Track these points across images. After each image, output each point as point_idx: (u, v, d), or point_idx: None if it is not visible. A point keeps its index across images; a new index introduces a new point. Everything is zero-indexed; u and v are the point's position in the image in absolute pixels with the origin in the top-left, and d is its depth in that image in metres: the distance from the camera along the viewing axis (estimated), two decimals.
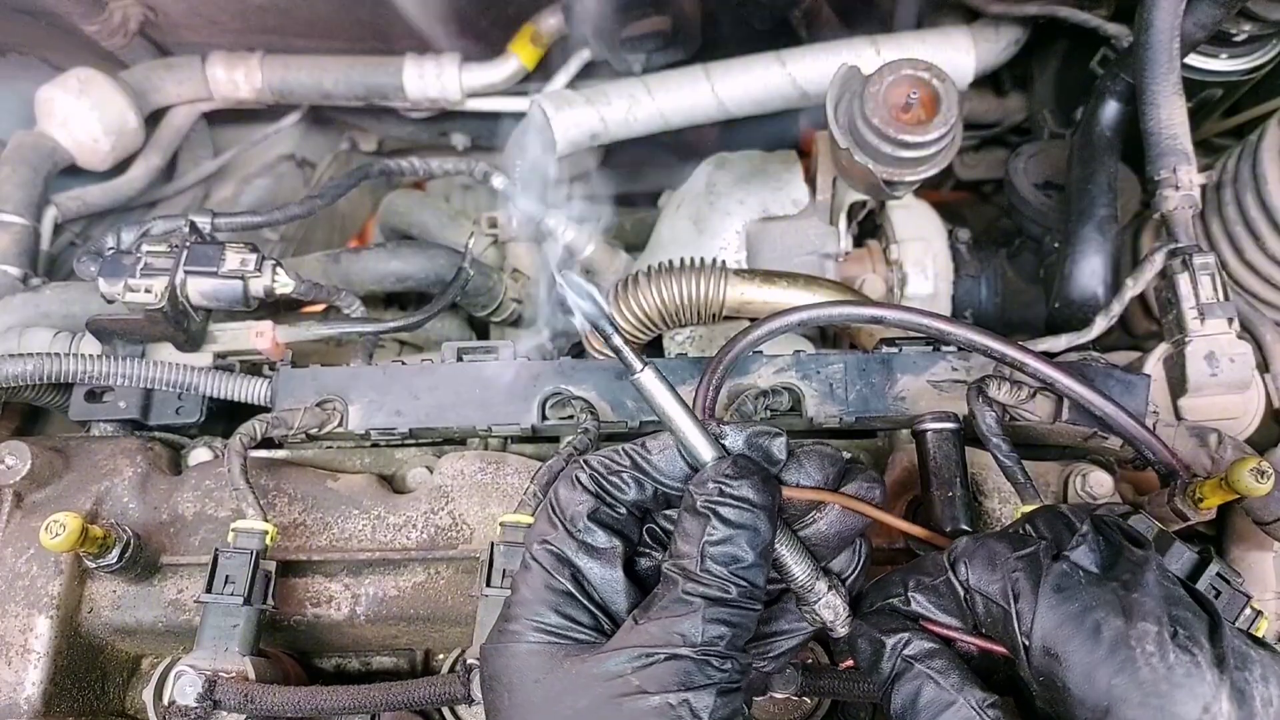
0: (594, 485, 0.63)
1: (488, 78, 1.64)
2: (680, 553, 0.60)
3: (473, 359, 1.09)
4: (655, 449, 0.64)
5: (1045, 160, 1.47)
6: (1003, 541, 0.62)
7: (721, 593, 0.58)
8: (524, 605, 0.61)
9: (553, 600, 0.60)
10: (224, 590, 0.90)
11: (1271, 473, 0.84)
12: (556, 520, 0.63)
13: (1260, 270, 1.17)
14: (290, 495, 1.04)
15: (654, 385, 0.63)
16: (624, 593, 0.62)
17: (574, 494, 0.63)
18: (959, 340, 0.96)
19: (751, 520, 0.59)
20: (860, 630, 0.65)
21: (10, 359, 1.03)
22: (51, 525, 0.86)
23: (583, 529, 0.62)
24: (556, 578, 0.61)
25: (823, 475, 0.65)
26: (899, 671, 0.61)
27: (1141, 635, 0.54)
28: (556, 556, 0.61)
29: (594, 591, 0.61)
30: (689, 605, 0.57)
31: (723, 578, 0.58)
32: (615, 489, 0.63)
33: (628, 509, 0.64)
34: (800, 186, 1.35)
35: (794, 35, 1.54)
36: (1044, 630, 0.56)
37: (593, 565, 0.61)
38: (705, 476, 0.61)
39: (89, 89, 1.50)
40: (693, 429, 0.62)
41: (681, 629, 0.57)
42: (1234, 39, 1.35)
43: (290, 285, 1.15)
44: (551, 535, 0.62)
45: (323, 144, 2.03)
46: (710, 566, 0.58)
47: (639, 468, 0.63)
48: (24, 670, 0.95)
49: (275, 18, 1.60)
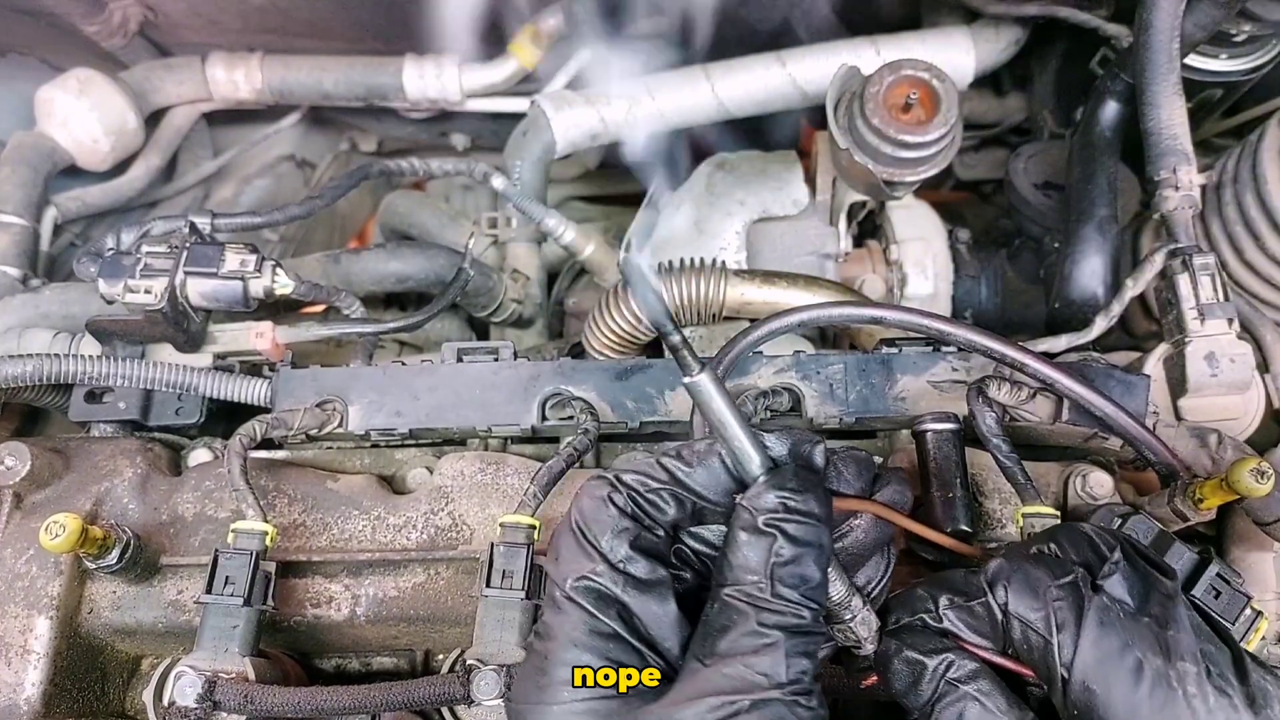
0: (631, 506, 0.55)
1: (487, 78, 1.64)
2: (741, 578, 0.53)
3: (473, 359, 1.09)
4: (694, 460, 0.57)
5: (1045, 160, 1.47)
6: (1040, 567, 0.59)
7: (797, 619, 0.52)
8: (565, 653, 0.53)
9: (600, 646, 0.52)
10: (224, 591, 0.89)
11: (1271, 473, 0.84)
12: (591, 550, 0.54)
13: (1260, 270, 1.17)
14: (290, 496, 1.04)
15: (710, 391, 0.57)
16: (677, 629, 0.55)
17: (607, 516, 0.55)
18: (959, 341, 0.96)
19: (818, 536, 0.54)
20: (894, 650, 0.60)
21: (10, 360, 1.03)
22: (51, 526, 0.86)
23: (626, 558, 0.54)
24: (602, 619, 0.53)
25: (861, 483, 0.61)
26: (942, 694, 0.57)
27: (1182, 675, 0.54)
28: (599, 594, 0.53)
29: (645, 630, 0.54)
30: (766, 638, 0.51)
31: (796, 602, 0.52)
32: (654, 509, 0.56)
33: (665, 530, 0.57)
34: (800, 187, 1.35)
35: (794, 35, 1.54)
36: (1085, 665, 0.54)
37: (642, 600, 0.54)
38: (762, 490, 0.55)
39: (89, 89, 1.50)
40: (744, 439, 0.56)
41: (763, 668, 0.51)
42: (1234, 39, 1.35)
43: (290, 286, 1.15)
44: (589, 569, 0.54)
45: (323, 144, 2.03)
46: (782, 591, 0.52)
47: (679, 483, 0.56)
48: (24, 671, 0.95)
49: (275, 18, 1.60)
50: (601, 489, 0.56)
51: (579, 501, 0.56)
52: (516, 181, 1.47)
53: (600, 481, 0.56)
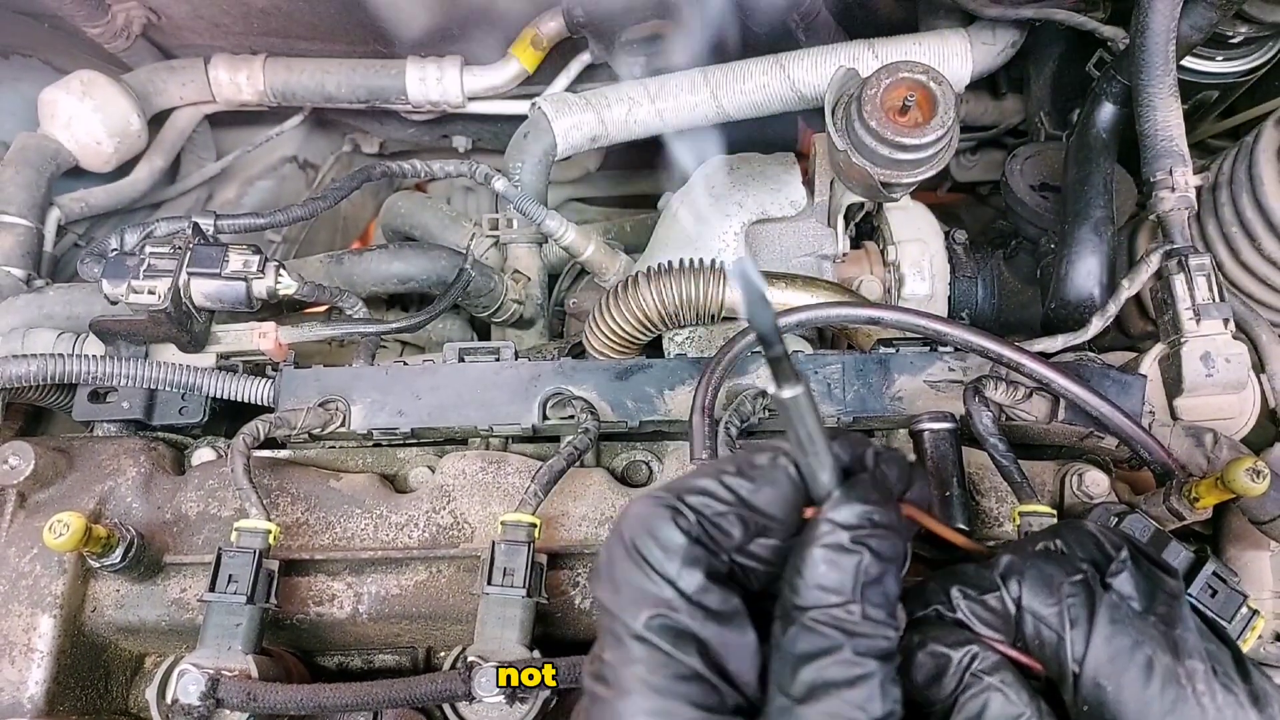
0: (698, 531, 0.50)
1: (489, 81, 1.65)
2: (823, 600, 0.49)
3: (474, 359, 1.10)
4: (760, 478, 0.52)
5: (1042, 162, 1.48)
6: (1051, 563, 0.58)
7: (887, 644, 0.49)
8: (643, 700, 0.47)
9: (681, 690, 0.47)
10: (227, 589, 0.90)
11: (1267, 472, 0.85)
12: (660, 581, 0.49)
13: (1256, 271, 1.17)
14: (293, 495, 1.05)
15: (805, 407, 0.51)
16: (754, 659, 0.50)
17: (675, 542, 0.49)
18: (956, 341, 0.97)
19: (900, 550, 0.51)
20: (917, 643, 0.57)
21: (14, 360, 1.04)
22: (55, 525, 0.86)
23: (699, 588, 0.49)
24: (684, 659, 0.47)
25: (903, 485, 0.57)
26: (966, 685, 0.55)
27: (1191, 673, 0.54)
28: (676, 631, 0.48)
29: (724, 664, 0.49)
30: (861, 668, 0.47)
31: (884, 622, 0.49)
32: (722, 534, 0.51)
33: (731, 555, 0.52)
34: (798, 188, 1.36)
35: (792, 38, 1.55)
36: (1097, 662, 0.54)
37: (724, 634, 0.49)
38: (843, 503, 0.51)
39: (92, 91, 1.51)
40: (827, 458, 0.52)
41: (859, 701, 0.47)
42: (1230, 41, 1.36)
43: (293, 286, 1.15)
44: (663, 603, 0.48)
45: (325, 146, 2.04)
46: (871, 613, 0.49)
47: (746, 504, 0.51)
48: (27, 669, 0.95)
49: (278, 20, 1.60)
50: (663, 512, 0.50)
51: (635, 524, 0.50)
52: (517, 183, 1.48)
53: (662, 507, 0.50)
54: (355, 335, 1.21)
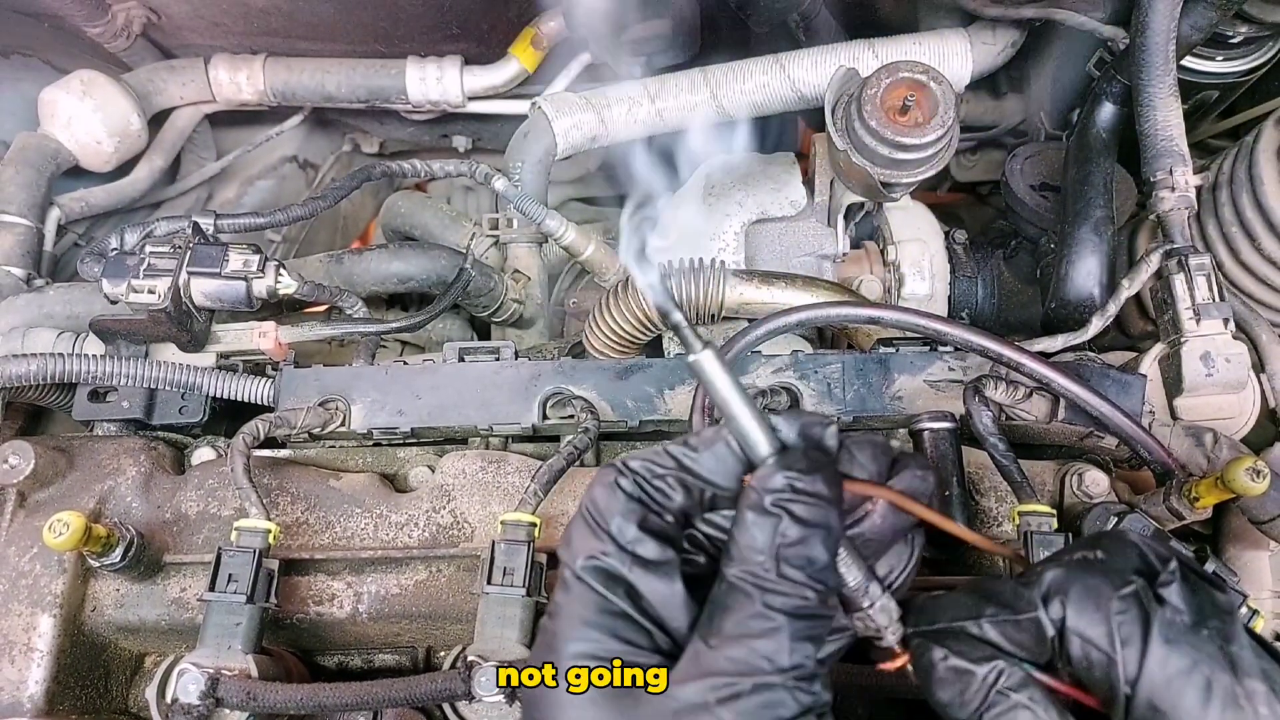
0: (637, 491, 0.56)
1: (489, 80, 1.65)
2: (747, 558, 0.53)
3: (474, 359, 1.10)
4: (702, 446, 0.57)
5: (1042, 162, 1.48)
6: (1097, 576, 0.55)
7: (803, 601, 0.52)
8: (574, 631, 0.53)
9: (609, 624, 0.53)
10: (227, 588, 0.90)
11: (1267, 472, 0.85)
12: (600, 532, 0.55)
13: (1256, 271, 1.17)
14: (293, 494, 1.05)
15: (713, 369, 0.57)
16: (684, 608, 0.55)
17: (615, 501, 0.56)
18: (955, 340, 0.97)
19: (825, 517, 0.54)
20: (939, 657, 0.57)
21: (14, 359, 1.04)
22: (55, 524, 0.86)
23: (633, 539, 0.55)
24: (610, 597, 0.53)
25: (877, 467, 0.59)
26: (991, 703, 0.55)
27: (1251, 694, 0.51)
28: (607, 573, 0.54)
29: (651, 609, 0.54)
30: (770, 621, 0.51)
31: (802, 583, 0.52)
32: (661, 495, 0.57)
33: (674, 516, 0.57)
34: (798, 188, 1.36)
35: (792, 38, 1.55)
36: (1152, 684, 0.51)
37: (649, 579, 0.54)
38: (770, 471, 0.55)
39: (92, 91, 1.51)
40: (751, 420, 0.56)
41: (766, 651, 0.51)
42: (1230, 41, 1.36)
43: (293, 286, 1.15)
44: (598, 549, 0.55)
45: (325, 146, 2.04)
46: (788, 571, 0.52)
47: (686, 469, 0.57)
48: (27, 669, 0.95)
49: (278, 20, 1.60)
50: (609, 475, 0.57)
51: (590, 489, 0.57)
52: (517, 183, 1.48)
53: (609, 469, 0.58)
54: (355, 335, 1.21)
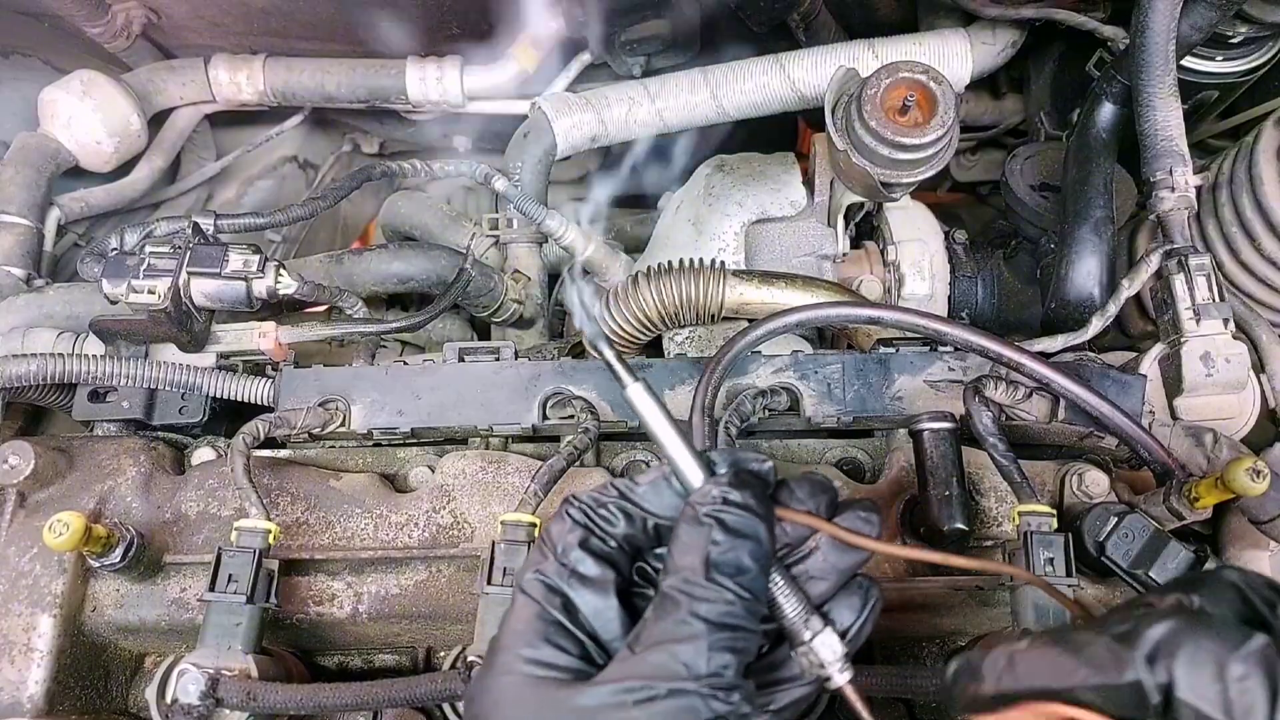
0: (583, 517, 0.62)
1: (489, 80, 1.65)
2: (679, 567, 0.56)
3: (474, 359, 1.10)
4: (643, 481, 0.63)
5: (1042, 162, 1.48)
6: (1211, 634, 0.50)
7: (726, 608, 0.54)
8: (513, 637, 0.58)
9: (543, 630, 0.57)
10: (227, 589, 0.90)
11: (1267, 472, 0.85)
12: (546, 551, 0.61)
13: (1255, 271, 1.17)
14: (293, 494, 1.05)
15: (643, 402, 0.63)
16: (618, 622, 0.59)
17: (563, 526, 0.61)
18: (955, 340, 0.97)
19: (754, 528, 0.57)
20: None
21: (14, 359, 1.04)
22: (55, 524, 0.86)
23: (574, 558, 0.60)
24: (546, 607, 0.58)
25: (814, 503, 0.62)
26: None
27: None
28: (546, 586, 0.59)
29: (586, 621, 0.58)
30: (690, 629, 0.53)
31: (728, 589, 0.54)
32: (604, 521, 0.62)
33: (619, 543, 0.62)
34: (798, 188, 1.36)
35: (792, 38, 1.55)
36: None
37: (584, 593, 0.59)
38: (705, 488, 0.59)
39: (92, 91, 1.51)
40: (681, 450, 0.61)
41: (685, 658, 0.52)
42: (1230, 41, 1.36)
43: (293, 286, 1.15)
44: (542, 565, 0.60)
45: (325, 146, 2.04)
46: (715, 577, 0.55)
47: (626, 498, 0.62)
48: (27, 669, 0.95)
49: (278, 20, 1.60)
50: (563, 507, 0.62)
51: (547, 522, 0.63)
52: (517, 183, 1.48)
53: (565, 502, 0.63)
54: (355, 335, 1.21)
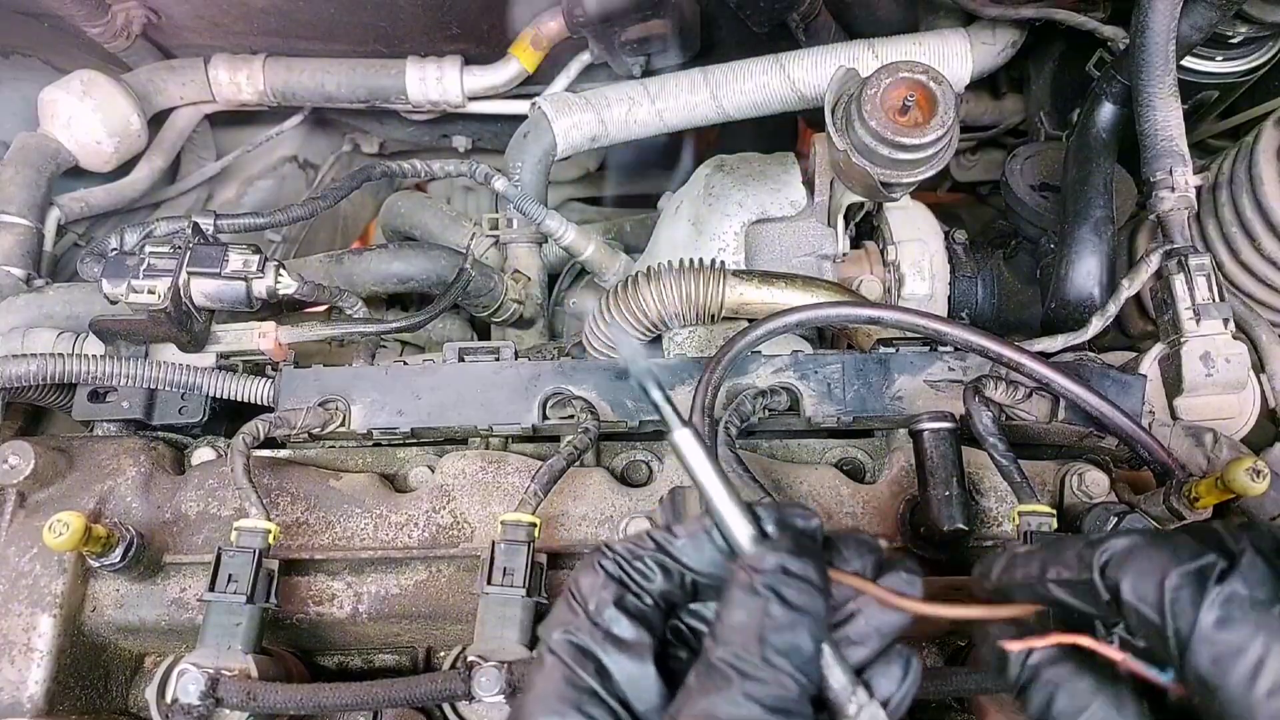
0: (618, 571, 0.57)
1: (489, 80, 1.65)
2: (729, 639, 0.52)
3: (474, 359, 1.10)
4: (682, 533, 0.58)
5: (1042, 162, 1.48)
6: (1164, 550, 0.54)
7: (782, 692, 0.50)
8: (540, 703, 0.53)
9: (573, 698, 0.52)
10: (227, 589, 0.90)
11: (1267, 472, 0.85)
12: (577, 608, 0.56)
13: (1255, 271, 1.17)
14: (293, 494, 1.05)
15: (690, 449, 0.58)
16: (655, 692, 0.54)
17: (596, 580, 0.56)
18: (955, 340, 0.97)
19: (814, 605, 0.52)
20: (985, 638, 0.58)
21: (14, 359, 1.04)
22: (55, 524, 0.86)
23: (608, 618, 0.55)
24: (578, 672, 0.53)
25: (861, 564, 0.58)
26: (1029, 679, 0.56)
27: None
28: (578, 648, 0.54)
29: (619, 689, 0.54)
30: (744, 709, 0.50)
31: (786, 673, 0.51)
32: (641, 575, 0.57)
33: (654, 600, 0.57)
34: (798, 188, 1.36)
35: (792, 38, 1.55)
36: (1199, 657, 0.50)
37: (619, 658, 0.54)
38: (763, 553, 0.54)
39: (92, 91, 1.51)
40: (729, 504, 0.57)
41: None
42: (1230, 41, 1.36)
43: (293, 286, 1.15)
44: (572, 624, 0.55)
45: (325, 146, 2.04)
46: (772, 658, 0.51)
47: (665, 552, 0.57)
48: (27, 669, 0.95)
49: (278, 20, 1.60)
50: (593, 557, 0.58)
51: (575, 571, 0.58)
52: (517, 183, 1.48)
53: (595, 552, 0.58)
54: (355, 335, 1.21)
